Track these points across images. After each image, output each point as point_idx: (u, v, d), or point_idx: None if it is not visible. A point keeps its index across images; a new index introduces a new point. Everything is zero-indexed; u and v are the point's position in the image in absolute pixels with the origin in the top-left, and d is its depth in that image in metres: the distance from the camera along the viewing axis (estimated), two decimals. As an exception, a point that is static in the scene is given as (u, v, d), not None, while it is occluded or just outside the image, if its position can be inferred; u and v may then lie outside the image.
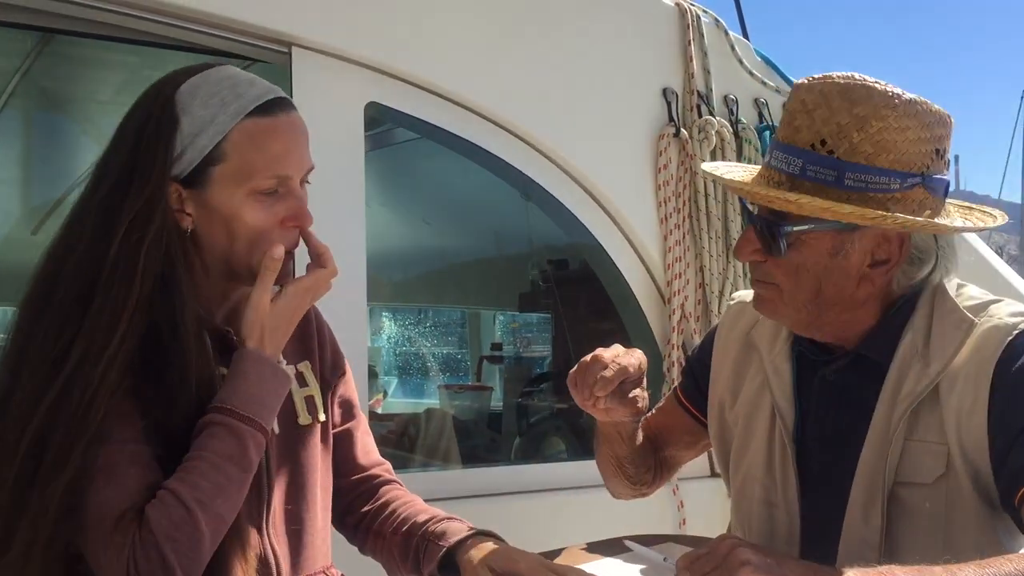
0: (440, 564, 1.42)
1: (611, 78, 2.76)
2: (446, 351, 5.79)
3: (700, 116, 2.86)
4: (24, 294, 1.29)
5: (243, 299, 1.34)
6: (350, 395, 1.58)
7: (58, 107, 3.60)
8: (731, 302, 1.70)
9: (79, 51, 2.92)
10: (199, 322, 1.29)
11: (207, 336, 1.31)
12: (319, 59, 2.30)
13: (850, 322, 1.41)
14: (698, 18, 2.91)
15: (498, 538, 1.45)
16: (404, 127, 2.74)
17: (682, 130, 2.82)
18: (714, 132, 2.83)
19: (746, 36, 3.17)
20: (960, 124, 1.38)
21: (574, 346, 3.37)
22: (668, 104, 2.83)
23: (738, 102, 2.95)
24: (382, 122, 2.62)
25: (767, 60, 3.09)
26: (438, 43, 2.47)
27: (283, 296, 1.32)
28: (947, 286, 1.41)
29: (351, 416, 1.57)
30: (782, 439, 1.47)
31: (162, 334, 1.24)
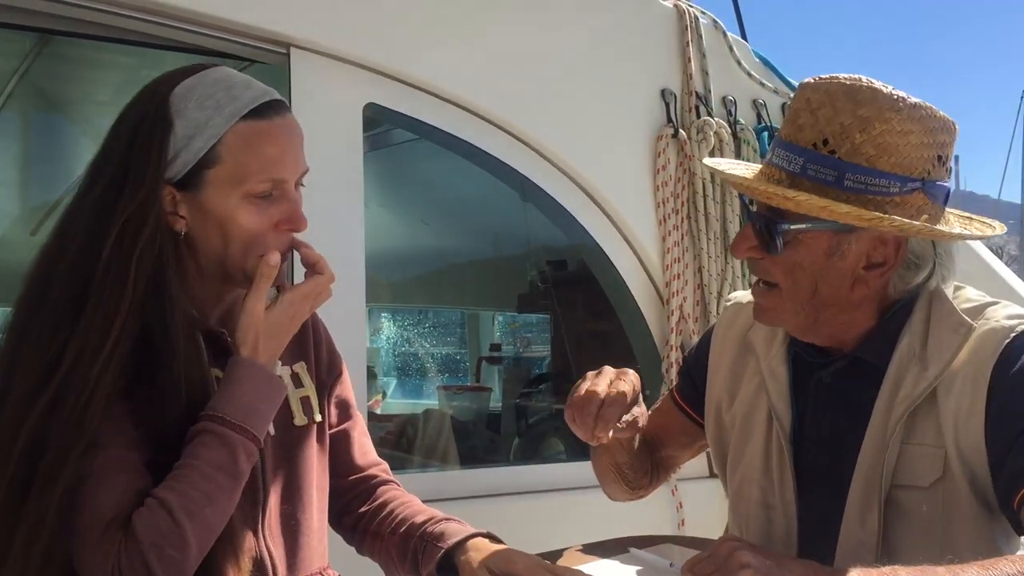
0: (439, 565, 1.42)
1: (610, 79, 2.76)
2: (445, 352, 5.80)
3: (698, 117, 2.86)
4: (19, 293, 1.28)
5: (237, 301, 1.34)
6: (347, 395, 1.57)
7: (56, 108, 3.61)
8: (727, 303, 1.69)
9: (77, 52, 2.92)
10: (191, 324, 1.29)
11: (201, 338, 1.30)
12: (318, 60, 2.30)
13: (846, 324, 1.41)
14: (696, 19, 2.91)
15: (497, 539, 1.45)
16: (403, 128, 2.75)
17: (680, 131, 2.82)
18: (712, 133, 2.83)
19: (744, 37, 3.17)
20: (960, 123, 1.36)
21: (573, 347, 3.37)
22: (666, 105, 2.83)
23: (736, 103, 2.95)
24: (381, 123, 2.62)
25: (765, 61, 3.09)
26: (436, 44, 2.47)
27: (279, 303, 1.31)
28: (944, 288, 1.40)
29: (348, 416, 1.57)
30: (779, 441, 1.46)
31: (154, 336, 1.23)
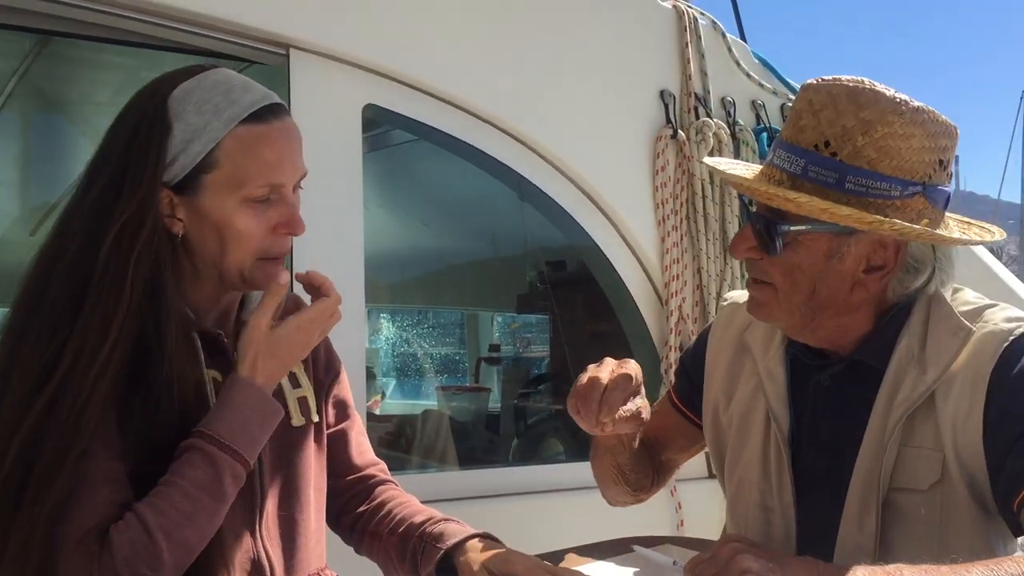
0: (438, 566, 1.42)
1: (609, 80, 2.76)
2: (444, 352, 5.79)
3: (697, 118, 2.86)
4: (17, 294, 1.28)
5: (234, 303, 1.34)
6: (344, 395, 1.57)
7: (56, 109, 3.60)
8: (724, 302, 1.68)
9: (77, 53, 2.92)
10: (187, 326, 1.29)
11: (197, 339, 1.30)
12: (317, 61, 2.30)
13: (844, 327, 1.40)
14: (695, 20, 2.91)
15: (496, 540, 1.45)
16: (402, 129, 2.74)
17: (679, 132, 2.82)
18: (711, 134, 2.83)
19: (743, 38, 3.17)
20: (960, 123, 1.36)
21: (572, 348, 3.37)
22: (665, 106, 2.84)
23: (735, 104, 2.96)
24: (380, 124, 2.62)
25: (764, 62, 3.10)
26: (436, 45, 2.47)
27: (285, 326, 1.30)
28: (943, 291, 1.40)
29: (346, 416, 1.57)
30: (777, 443, 1.46)
31: (149, 339, 1.23)
